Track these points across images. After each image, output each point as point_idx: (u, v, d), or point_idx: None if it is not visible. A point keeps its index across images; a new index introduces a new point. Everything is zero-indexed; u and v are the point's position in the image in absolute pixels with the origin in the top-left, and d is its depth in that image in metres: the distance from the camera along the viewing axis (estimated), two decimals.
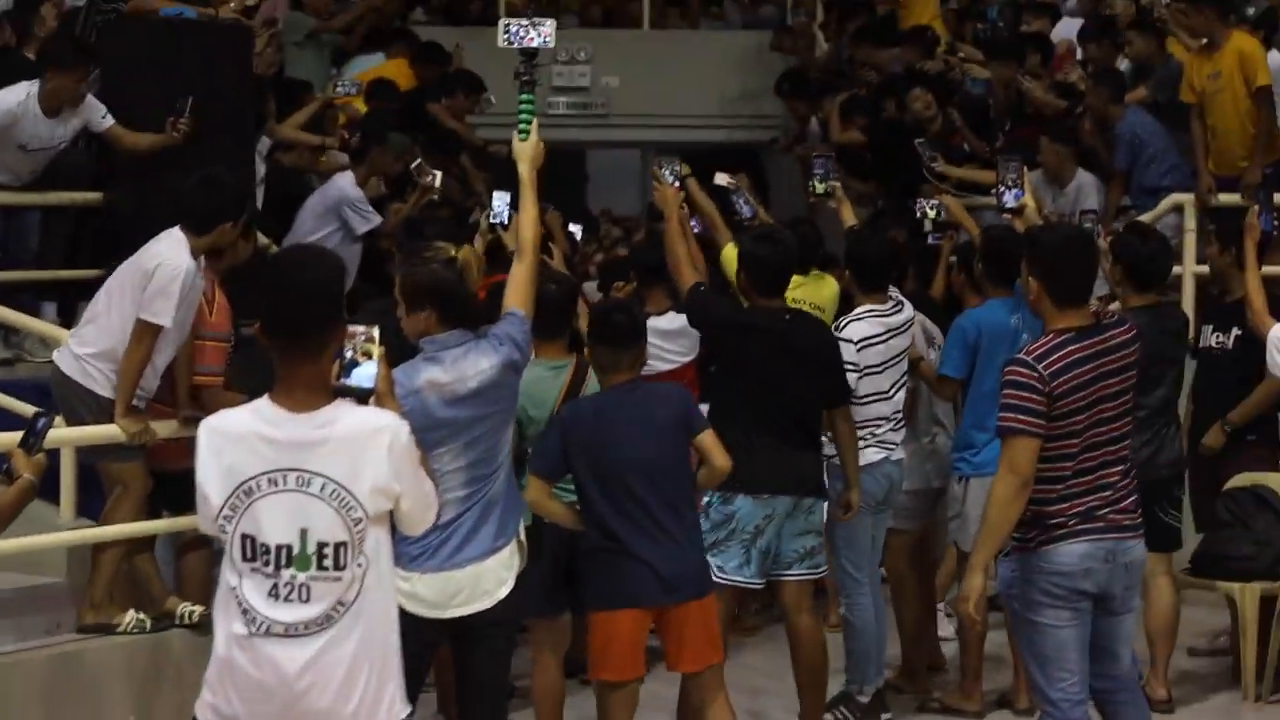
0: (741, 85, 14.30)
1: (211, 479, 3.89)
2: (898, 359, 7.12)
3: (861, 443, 6.87)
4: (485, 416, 5.07)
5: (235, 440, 3.89)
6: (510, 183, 6.13)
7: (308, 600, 3.86)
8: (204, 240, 6.56)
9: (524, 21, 5.61)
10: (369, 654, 3.92)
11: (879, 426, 7.03)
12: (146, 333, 6.39)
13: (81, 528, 6.87)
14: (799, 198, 10.50)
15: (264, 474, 3.85)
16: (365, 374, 3.99)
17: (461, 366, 5.05)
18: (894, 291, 7.27)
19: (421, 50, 11.80)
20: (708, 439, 5.84)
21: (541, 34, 5.56)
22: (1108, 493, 5.38)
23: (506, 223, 7.15)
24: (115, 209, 8.13)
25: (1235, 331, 7.67)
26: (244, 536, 3.86)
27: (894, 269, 7.37)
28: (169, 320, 6.38)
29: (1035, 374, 5.23)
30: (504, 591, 5.18)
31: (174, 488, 6.44)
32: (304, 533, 3.85)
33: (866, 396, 6.98)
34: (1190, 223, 9.57)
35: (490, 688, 5.35)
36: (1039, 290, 5.40)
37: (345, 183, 9.44)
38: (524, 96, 5.55)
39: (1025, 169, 6.07)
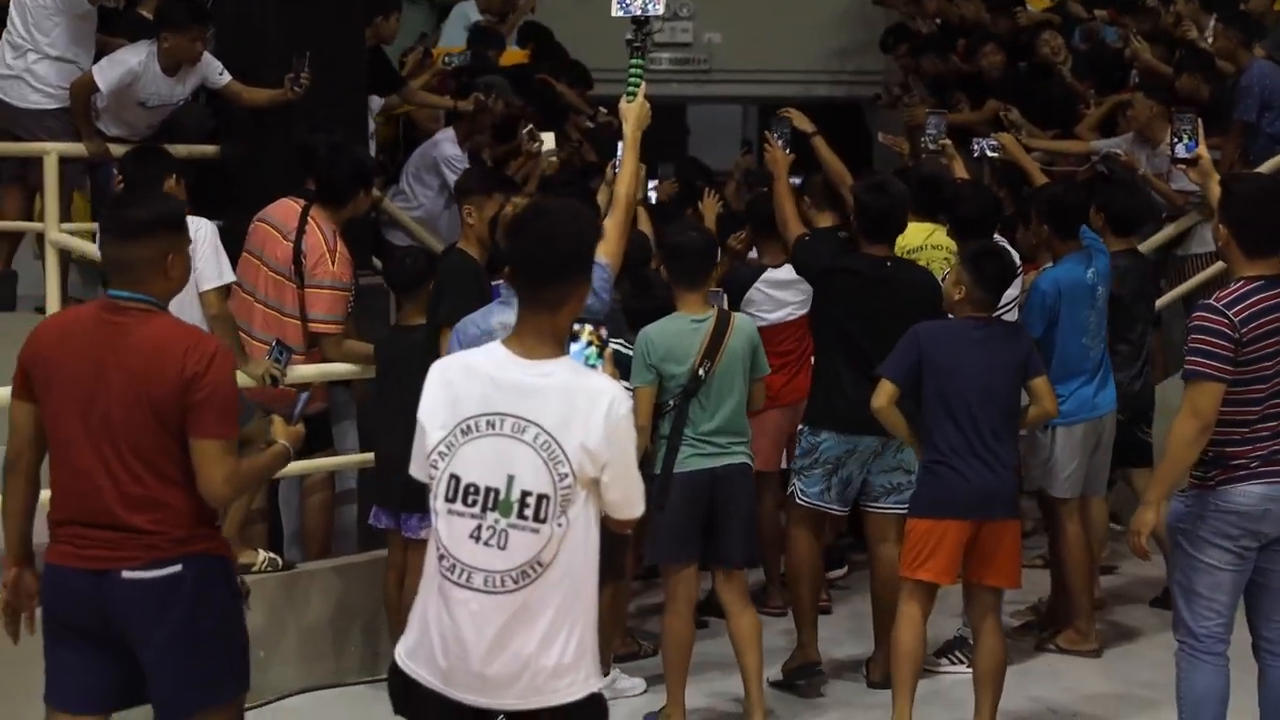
0: (844, 40, 14.28)
1: (437, 413, 3.91)
2: (1007, 307, 7.16)
3: None
4: None
5: (466, 375, 3.93)
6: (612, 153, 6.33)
7: (505, 548, 3.85)
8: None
9: None
10: (569, 619, 3.90)
11: None
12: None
13: None
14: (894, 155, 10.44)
15: (483, 415, 3.87)
16: (582, 358, 4.06)
17: None
18: (1000, 240, 7.30)
19: (538, 38, 11.74)
20: (1041, 384, 6.22)
21: (652, 3, 5.69)
22: None
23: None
24: (231, 162, 8.23)
25: None
26: (453, 477, 3.89)
27: (997, 221, 7.43)
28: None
29: (1225, 320, 5.25)
30: None
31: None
32: (510, 479, 3.85)
33: None
34: None
35: None
36: (1228, 238, 5.41)
37: (446, 140, 9.54)
38: (634, 61, 5.71)
39: (1200, 121, 6.02)
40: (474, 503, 3.87)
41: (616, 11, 5.76)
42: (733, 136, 16.35)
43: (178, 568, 4.38)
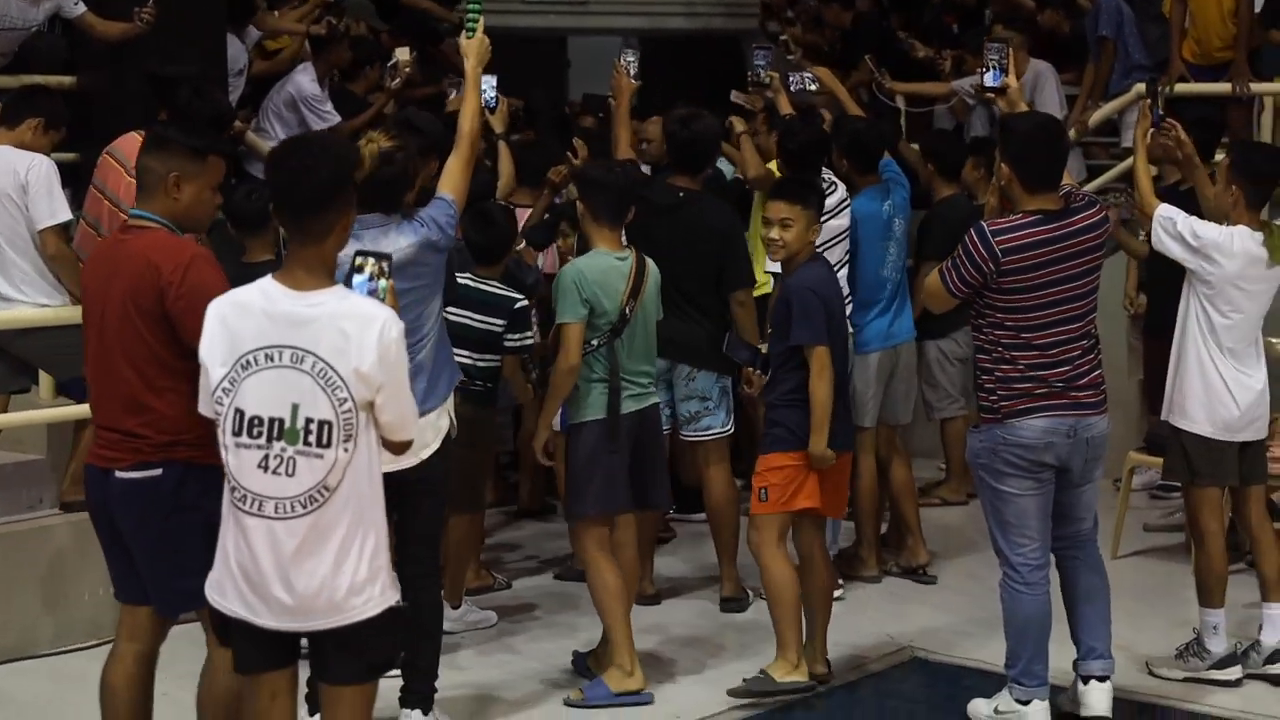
0: None
1: (216, 351, 4.05)
2: (837, 239, 7.28)
3: None
4: (405, 291, 4.93)
5: (242, 312, 4.06)
6: (493, 69, 6.26)
7: (293, 474, 3.99)
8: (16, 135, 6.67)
9: None
10: (360, 540, 4.04)
11: None
12: None
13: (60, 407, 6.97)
14: None
15: (261, 349, 4.01)
16: (367, 289, 4.11)
17: (380, 244, 5.10)
18: (827, 173, 7.41)
19: None
20: None
21: None
22: (1068, 369, 5.57)
23: (494, 106, 7.21)
24: (88, 93, 8.15)
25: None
26: (238, 411, 4.02)
27: (825, 154, 7.49)
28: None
29: (985, 246, 5.44)
30: (428, 452, 5.36)
31: None
32: (295, 407, 3.99)
33: None
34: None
35: (423, 543, 5.55)
36: (1009, 175, 5.54)
37: (303, 79, 9.46)
38: None
39: (1009, 50, 6.12)
40: (259, 434, 4.00)
41: None
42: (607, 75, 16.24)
43: (158, 471, 4.61)
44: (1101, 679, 5.77)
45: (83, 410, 6.66)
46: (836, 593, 7.15)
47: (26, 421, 6.92)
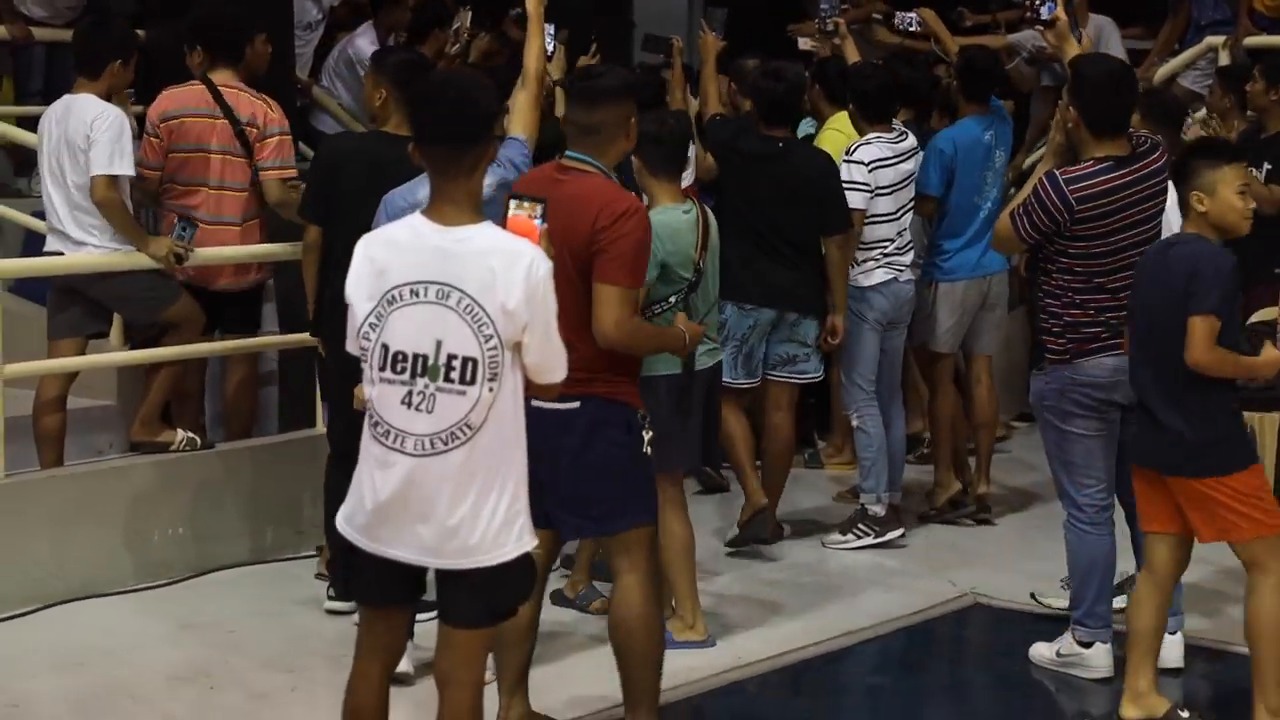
0: None
1: (362, 287, 4.00)
2: (905, 182, 7.39)
3: (871, 263, 7.32)
4: None
5: (389, 248, 4.03)
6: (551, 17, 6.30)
7: (433, 411, 3.93)
8: (100, 84, 6.68)
9: None
10: (500, 481, 3.99)
11: (885, 247, 7.34)
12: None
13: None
14: None
15: (407, 284, 3.96)
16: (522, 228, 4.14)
17: None
18: (897, 122, 7.51)
19: None
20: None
21: None
22: None
23: (551, 52, 7.23)
24: (155, 47, 8.20)
25: (1266, 166, 7.81)
26: (383, 346, 3.98)
27: (896, 100, 7.58)
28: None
29: (1058, 195, 5.42)
30: None
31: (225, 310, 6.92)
32: (438, 343, 3.94)
33: (875, 217, 7.29)
34: (1224, 63, 9.44)
35: None
36: (1077, 120, 5.54)
37: (362, 41, 9.51)
38: None
39: None
40: (403, 369, 3.95)
41: None
42: (678, 28, 16.23)
43: (575, 404, 4.74)
44: (1173, 632, 5.73)
45: (154, 354, 6.80)
46: (895, 534, 7.25)
47: (99, 364, 7.03)
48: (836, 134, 7.71)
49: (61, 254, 6.65)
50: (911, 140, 7.46)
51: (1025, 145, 9.19)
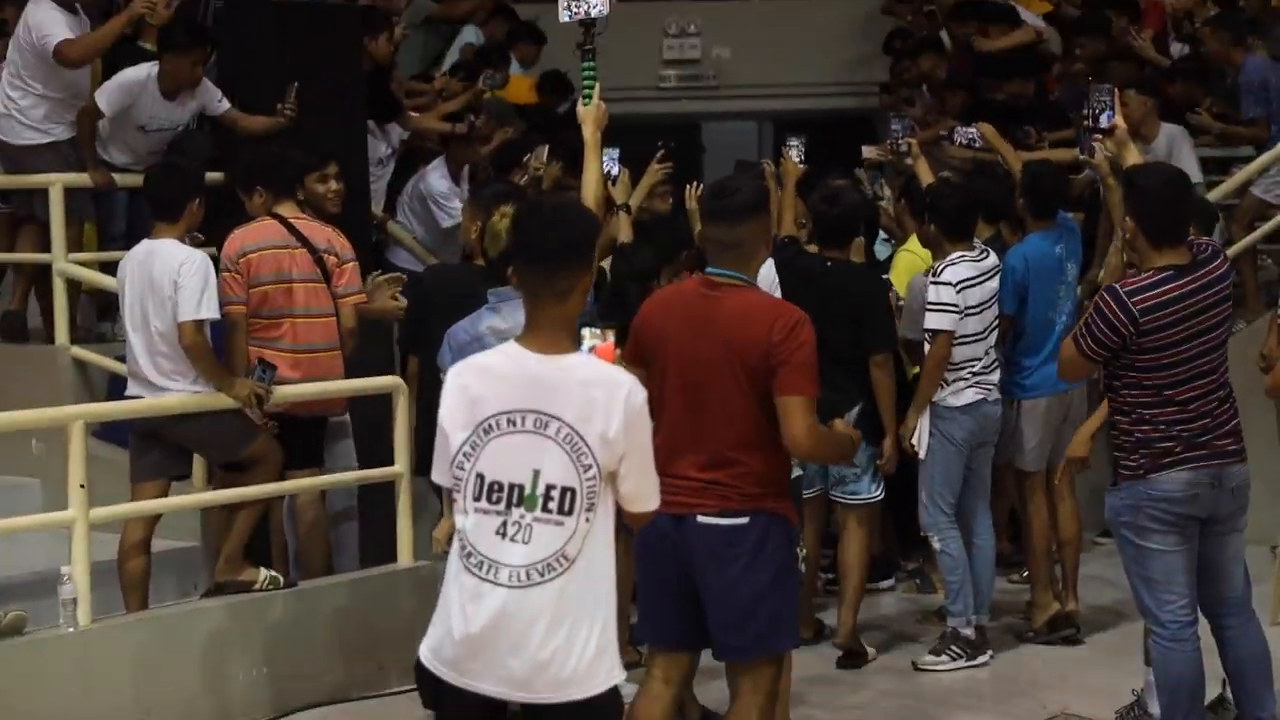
0: (852, 52, 14.29)
1: (458, 416, 3.96)
2: (991, 300, 7.37)
3: (961, 383, 7.28)
4: None
5: (484, 376, 3.99)
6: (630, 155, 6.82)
7: (529, 542, 3.89)
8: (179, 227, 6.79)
9: None
10: (592, 613, 3.93)
11: (974, 366, 7.31)
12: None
13: None
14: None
15: (504, 413, 3.92)
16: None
17: (518, 315, 5.09)
18: (977, 240, 7.51)
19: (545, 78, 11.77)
20: None
21: (596, 5, 5.89)
22: (1208, 420, 5.51)
23: (615, 176, 7.34)
24: (233, 189, 8.34)
25: None
26: (478, 475, 3.94)
27: (976, 218, 7.59)
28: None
29: (1121, 309, 5.40)
30: None
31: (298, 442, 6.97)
32: (536, 473, 3.90)
33: (963, 337, 7.26)
34: None
35: None
36: (1134, 230, 5.52)
37: (434, 176, 9.72)
38: (586, 65, 5.96)
39: (1117, 91, 6.16)
40: (499, 500, 3.92)
41: (564, 17, 5.99)
42: (748, 153, 16.37)
43: (744, 520, 4.84)
44: None
45: (237, 494, 6.85)
46: (985, 657, 7.16)
47: (183, 505, 7.09)
48: (911, 255, 7.75)
49: (141, 398, 6.74)
50: (994, 258, 7.44)
51: (1097, 259, 9.16)
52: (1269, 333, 8.52)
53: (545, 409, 3.91)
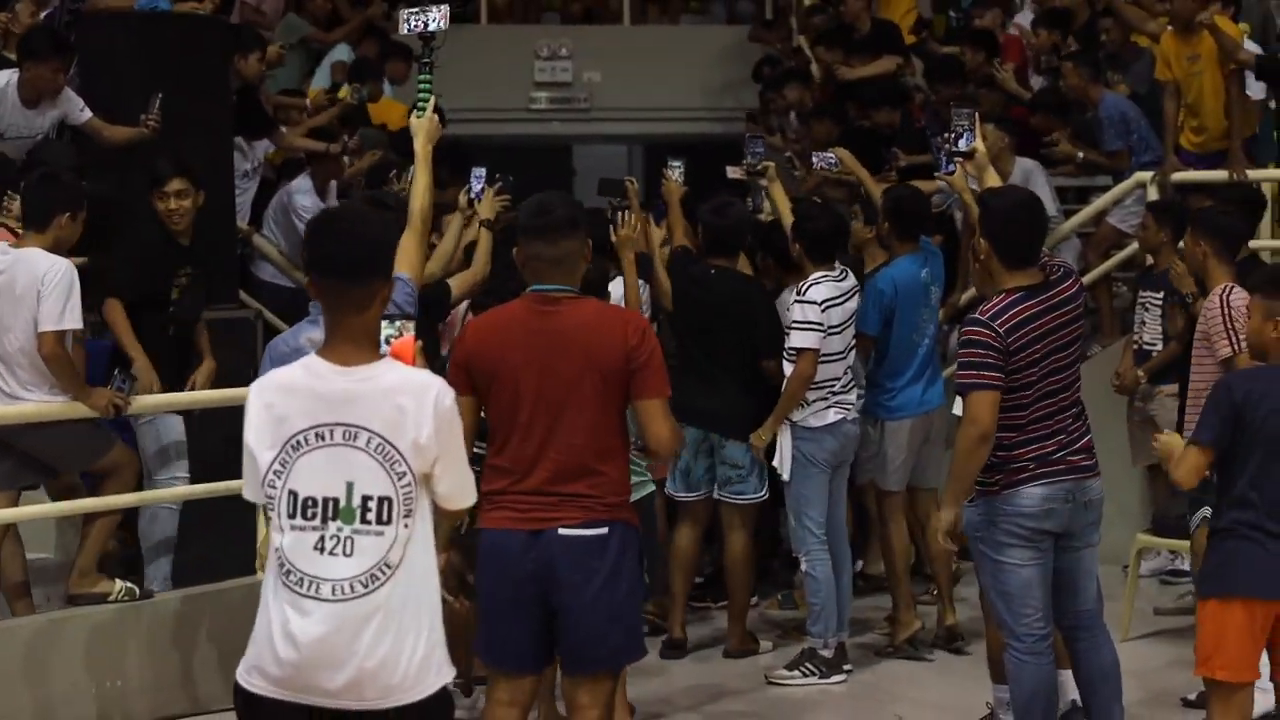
0: (722, 77, 14.46)
1: (264, 436, 3.90)
2: (850, 321, 7.48)
3: (822, 403, 7.37)
4: None
5: (287, 393, 3.92)
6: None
7: (351, 554, 3.85)
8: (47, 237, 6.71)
9: (416, 10, 5.96)
10: (417, 618, 3.91)
11: (834, 385, 7.40)
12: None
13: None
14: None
15: (311, 428, 3.87)
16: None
17: None
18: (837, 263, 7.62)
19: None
20: None
21: (435, 19, 5.94)
22: (1063, 436, 5.60)
23: (479, 193, 7.33)
24: (97, 199, 8.24)
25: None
26: (290, 493, 3.88)
27: (841, 241, 7.73)
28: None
29: (991, 332, 5.45)
30: None
31: None
32: (350, 486, 3.86)
33: (826, 356, 7.34)
34: (1152, 197, 9.56)
35: None
36: (988, 251, 5.60)
37: (299, 190, 9.68)
38: (422, 78, 5.94)
39: (977, 116, 6.26)
40: (314, 515, 3.86)
41: (403, 29, 6.06)
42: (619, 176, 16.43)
43: (604, 530, 4.84)
44: None
45: (90, 504, 6.75)
46: (840, 677, 7.25)
47: (35, 515, 6.97)
48: None
49: None
50: (853, 279, 7.55)
51: (959, 284, 9.30)
52: (1124, 354, 8.76)
53: (353, 421, 3.87)
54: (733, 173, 8.82)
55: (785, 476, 7.35)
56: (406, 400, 3.88)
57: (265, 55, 9.83)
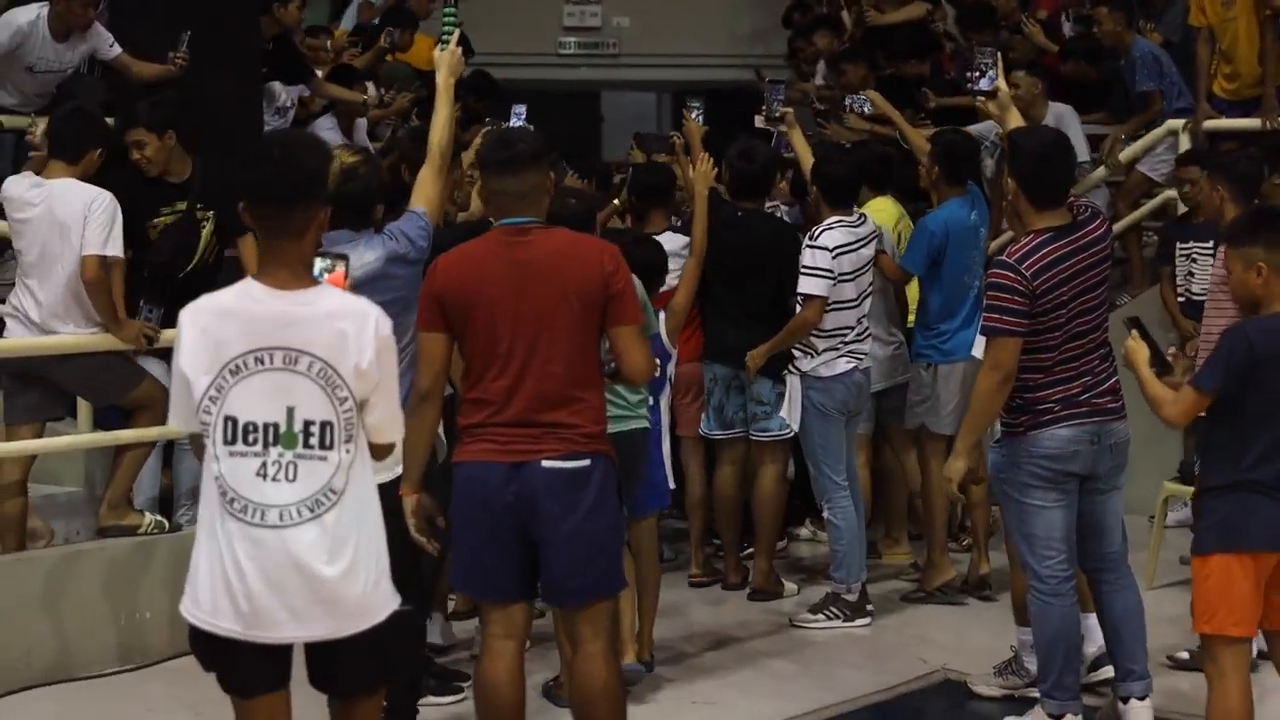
0: (752, 25, 14.39)
1: (200, 361, 3.86)
2: (865, 268, 7.42)
3: (832, 353, 7.31)
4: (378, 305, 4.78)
5: (223, 317, 3.89)
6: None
7: (294, 479, 3.84)
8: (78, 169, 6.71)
9: None
10: (365, 542, 3.93)
11: (846, 334, 7.33)
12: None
13: None
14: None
15: (250, 352, 3.85)
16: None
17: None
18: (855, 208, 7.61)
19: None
20: None
21: None
22: (1089, 378, 5.58)
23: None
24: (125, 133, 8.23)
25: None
26: (228, 419, 3.85)
27: (859, 186, 7.77)
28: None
29: (1017, 276, 5.42)
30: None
31: None
32: (290, 410, 3.85)
33: (838, 304, 7.29)
34: (1184, 146, 9.50)
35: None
36: (1016, 191, 5.57)
37: (323, 129, 9.63)
38: (448, 11, 5.95)
39: (1000, 55, 6.22)
40: (255, 440, 3.84)
41: None
42: (647, 124, 16.38)
43: (586, 462, 4.80)
44: (1142, 698, 5.72)
45: (119, 436, 6.77)
46: (864, 620, 7.27)
47: (64, 447, 6.99)
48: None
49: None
50: (871, 224, 7.51)
51: (992, 232, 9.25)
52: (1166, 301, 8.66)
53: (293, 345, 3.85)
54: (760, 121, 8.78)
55: (795, 427, 7.34)
56: (347, 325, 3.89)
57: (305, 2, 9.84)
